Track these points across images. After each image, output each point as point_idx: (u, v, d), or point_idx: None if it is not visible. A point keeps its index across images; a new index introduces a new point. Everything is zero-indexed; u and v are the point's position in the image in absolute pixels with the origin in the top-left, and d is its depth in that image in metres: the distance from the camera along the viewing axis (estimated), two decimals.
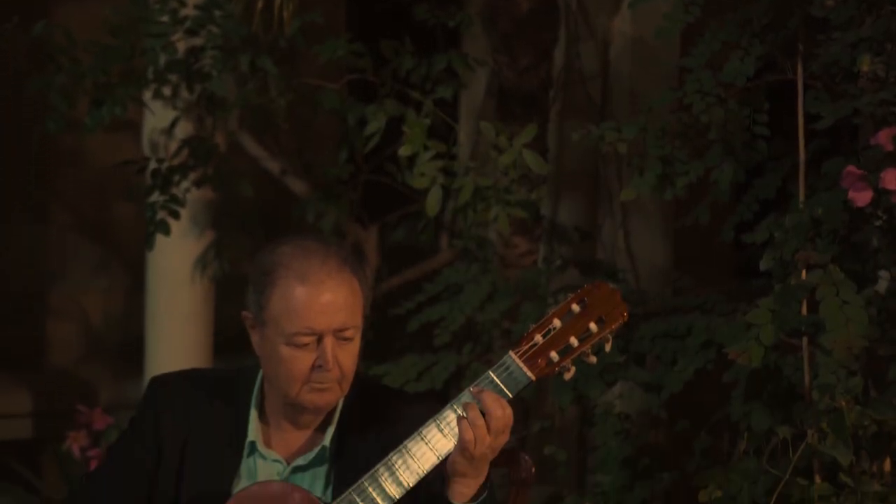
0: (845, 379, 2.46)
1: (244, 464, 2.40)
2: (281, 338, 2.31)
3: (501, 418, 2.21)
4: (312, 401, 2.34)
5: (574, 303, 2.26)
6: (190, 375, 2.52)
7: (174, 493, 2.39)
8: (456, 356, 3.83)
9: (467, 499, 2.25)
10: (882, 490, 2.38)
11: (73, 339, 5.01)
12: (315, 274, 2.29)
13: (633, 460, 3.53)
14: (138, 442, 2.43)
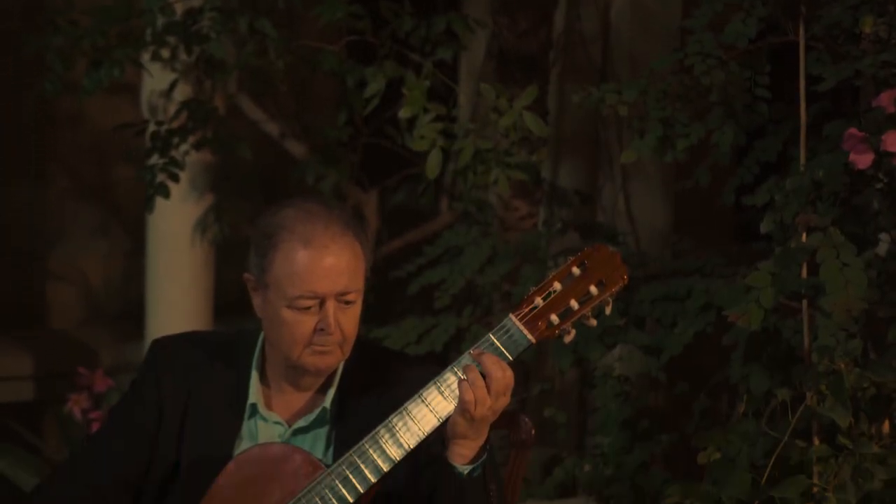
0: (844, 341, 2.46)
1: (245, 426, 2.41)
2: (283, 301, 2.31)
3: (502, 380, 2.22)
4: (314, 363, 2.35)
5: (574, 266, 2.26)
6: (191, 338, 2.53)
7: (175, 456, 2.40)
8: (456, 319, 3.84)
9: (466, 460, 2.26)
10: (880, 452, 2.39)
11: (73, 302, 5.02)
12: (318, 237, 2.29)
13: (633, 422, 3.54)
14: (139, 404, 2.43)
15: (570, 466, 3.69)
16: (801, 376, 2.58)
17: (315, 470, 2.28)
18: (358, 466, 2.25)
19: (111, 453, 2.41)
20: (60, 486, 2.40)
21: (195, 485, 2.34)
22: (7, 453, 3.87)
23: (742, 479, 2.44)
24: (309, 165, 4.15)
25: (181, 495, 2.38)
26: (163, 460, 2.40)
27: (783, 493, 2.38)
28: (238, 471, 2.31)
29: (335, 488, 2.25)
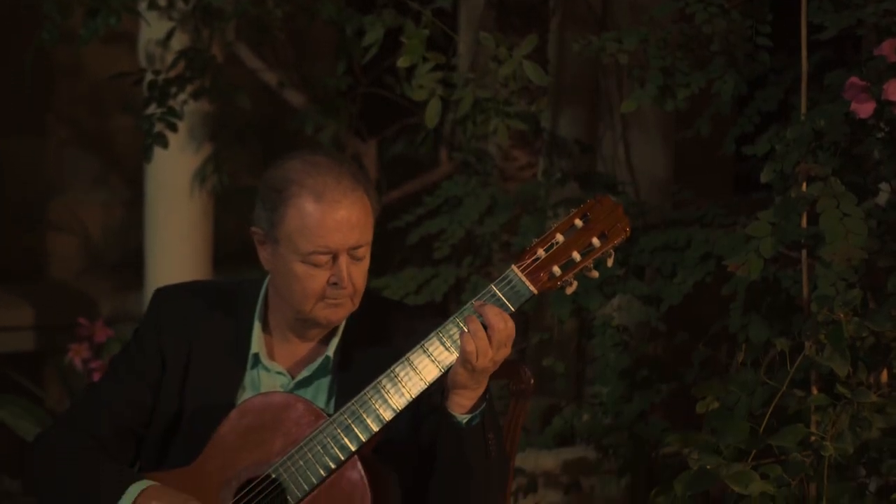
0: (844, 291, 2.46)
1: (248, 375, 2.42)
2: (296, 256, 2.31)
3: (503, 331, 2.23)
4: (326, 316, 2.36)
5: (577, 217, 2.26)
6: (193, 287, 2.53)
7: (177, 405, 2.41)
8: (455, 269, 3.84)
9: (465, 410, 2.27)
10: (879, 401, 2.40)
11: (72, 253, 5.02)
12: (331, 192, 2.29)
13: (632, 372, 3.55)
14: (141, 354, 2.44)
15: (569, 416, 3.71)
16: (800, 326, 2.58)
17: (317, 419, 2.29)
18: (360, 416, 2.26)
19: (113, 402, 2.42)
20: (62, 433, 2.41)
21: (197, 434, 2.35)
22: (9, 403, 3.89)
23: (740, 428, 2.45)
24: (307, 115, 4.13)
25: (183, 444, 2.39)
26: (165, 410, 2.42)
27: (781, 441, 2.40)
28: (240, 419, 2.33)
29: (337, 437, 2.26)
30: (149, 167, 4.16)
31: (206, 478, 2.32)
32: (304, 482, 2.26)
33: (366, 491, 2.24)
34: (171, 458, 2.40)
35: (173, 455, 2.41)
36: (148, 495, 2.29)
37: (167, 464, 2.40)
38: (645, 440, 3.56)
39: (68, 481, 2.36)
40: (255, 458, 2.30)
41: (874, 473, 2.46)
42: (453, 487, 2.32)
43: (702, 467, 2.43)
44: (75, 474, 2.36)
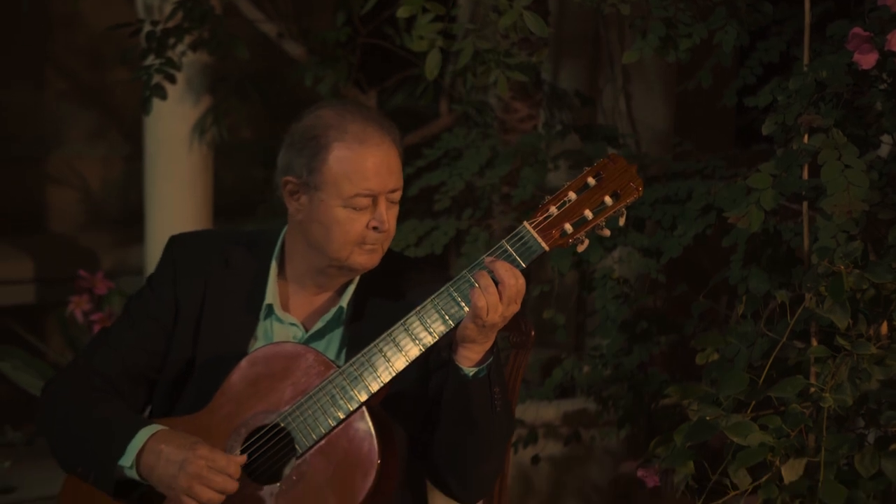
0: (845, 243, 2.46)
1: (260, 326, 2.43)
2: (338, 200, 2.33)
3: (514, 287, 2.24)
4: (362, 263, 2.38)
5: (590, 176, 2.27)
6: (210, 235, 2.53)
7: (190, 352, 2.42)
8: (455, 221, 3.83)
9: (472, 363, 2.29)
10: (878, 353, 2.40)
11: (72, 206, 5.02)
12: (371, 136, 2.33)
13: (632, 324, 3.56)
14: (156, 298, 2.45)
15: (569, 368, 3.72)
16: (800, 278, 2.58)
17: (327, 369, 2.30)
18: (370, 367, 2.28)
19: (126, 346, 2.44)
20: (74, 375, 2.43)
21: (208, 382, 2.37)
22: (10, 356, 3.90)
23: (740, 379, 2.46)
24: (307, 66, 4.11)
25: (194, 391, 2.40)
26: (178, 357, 2.43)
27: (780, 393, 2.40)
28: (251, 368, 2.34)
29: (346, 388, 2.27)
30: (147, 120, 4.14)
31: (215, 425, 2.34)
32: (312, 431, 2.27)
33: (373, 442, 2.25)
34: (182, 405, 2.42)
35: (184, 402, 2.42)
36: (157, 439, 2.30)
37: (178, 410, 2.42)
38: (644, 392, 3.58)
39: (78, 423, 2.37)
40: (265, 407, 2.32)
41: (873, 424, 2.47)
42: (459, 439, 2.33)
43: (701, 418, 2.44)
44: (85, 417, 2.37)
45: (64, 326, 4.00)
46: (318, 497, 2.26)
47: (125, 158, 4.98)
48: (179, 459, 2.26)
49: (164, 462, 2.28)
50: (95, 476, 2.34)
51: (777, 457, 2.37)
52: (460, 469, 2.36)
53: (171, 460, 2.27)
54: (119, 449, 2.31)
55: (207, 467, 2.26)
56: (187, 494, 2.27)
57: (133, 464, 2.30)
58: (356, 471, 2.24)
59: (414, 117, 4.46)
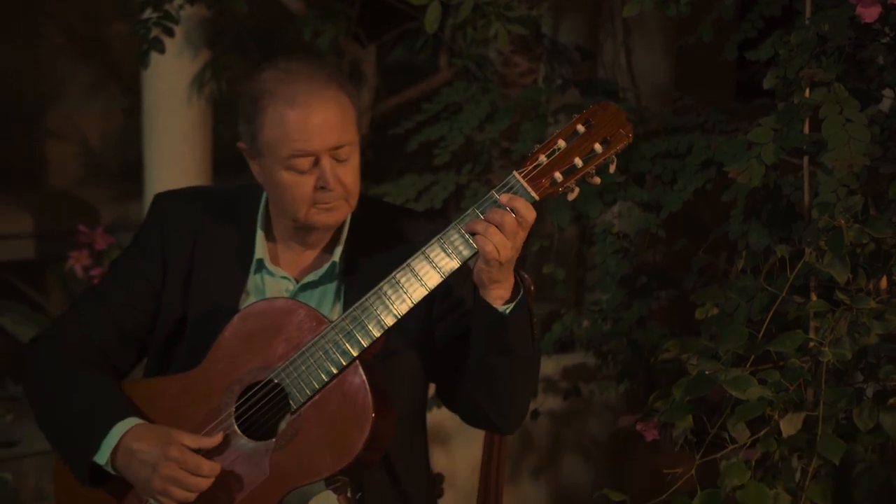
0: (845, 197, 2.45)
1: (251, 280, 2.43)
2: (279, 164, 2.31)
3: (511, 222, 2.21)
4: (322, 221, 2.36)
5: (579, 123, 2.24)
6: (195, 192, 2.53)
7: (181, 310, 2.42)
8: (455, 176, 3.83)
9: (505, 300, 2.27)
10: (878, 307, 2.40)
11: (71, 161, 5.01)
12: (302, 95, 2.28)
13: (631, 278, 3.56)
14: (142, 258, 2.44)
15: (569, 322, 3.73)
16: (800, 232, 2.58)
17: (319, 325, 2.30)
18: (362, 321, 2.27)
19: (113, 305, 2.43)
20: (59, 341, 2.42)
21: (201, 338, 2.37)
22: (11, 310, 3.91)
23: (739, 333, 2.46)
24: (305, 20, 4.09)
25: (187, 349, 2.40)
26: (168, 315, 2.42)
27: (779, 347, 2.41)
28: (243, 324, 2.34)
29: (339, 342, 2.27)
30: (146, 74, 4.12)
31: (209, 382, 2.34)
32: (305, 387, 2.28)
33: (367, 396, 2.25)
34: (175, 364, 2.42)
35: (177, 360, 2.42)
36: (132, 436, 2.30)
37: (171, 369, 2.42)
38: (644, 346, 3.59)
39: (59, 408, 2.37)
40: (258, 363, 2.32)
41: (871, 379, 2.47)
42: (501, 374, 2.32)
43: (700, 373, 2.45)
44: (66, 401, 2.36)
45: (64, 281, 4.00)
46: (313, 452, 2.26)
47: (124, 112, 4.96)
48: (152, 461, 2.27)
49: (138, 463, 2.28)
50: (71, 467, 2.35)
51: (776, 411, 2.38)
52: (501, 401, 2.35)
53: (144, 462, 2.28)
54: (94, 445, 2.31)
55: (180, 469, 2.26)
56: (162, 495, 2.28)
57: (108, 461, 2.31)
58: (351, 425, 2.25)
59: (413, 71, 4.44)
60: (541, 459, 4.30)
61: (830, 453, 2.32)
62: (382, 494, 2.42)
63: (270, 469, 2.29)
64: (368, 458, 2.27)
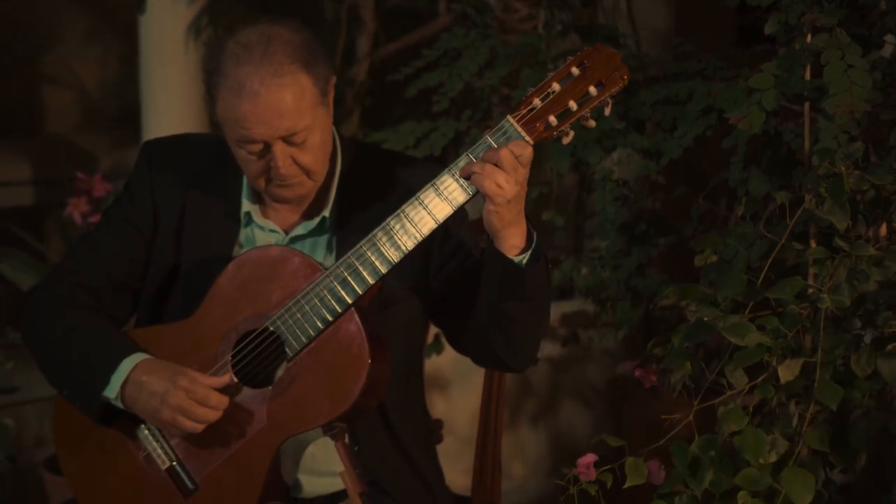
0: (846, 144, 2.44)
1: (243, 232, 2.42)
2: (231, 140, 2.29)
3: (507, 157, 2.18)
4: (281, 195, 2.34)
5: (574, 66, 2.22)
6: (185, 140, 2.50)
7: (174, 258, 2.41)
8: (454, 122, 3.81)
9: (520, 249, 2.25)
10: (877, 254, 2.40)
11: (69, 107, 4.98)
12: (251, 82, 2.21)
13: (631, 225, 3.55)
14: (134, 206, 2.43)
15: (568, 269, 3.73)
16: (800, 179, 2.57)
17: (314, 272, 2.29)
18: (356, 268, 2.26)
19: (107, 253, 2.42)
20: (56, 289, 2.41)
21: (195, 288, 2.36)
22: (10, 257, 3.90)
23: (738, 280, 2.46)
24: None
25: (181, 298, 2.40)
26: (161, 263, 2.42)
27: (778, 293, 2.41)
28: (238, 272, 2.33)
29: (334, 289, 2.27)
30: (143, 20, 4.09)
31: (204, 330, 2.34)
32: (301, 334, 2.27)
33: (363, 343, 2.25)
34: (169, 313, 2.42)
35: (171, 309, 2.42)
36: (140, 370, 2.30)
37: (165, 318, 2.42)
38: (643, 293, 3.59)
39: (63, 347, 2.36)
40: (253, 311, 2.31)
41: (870, 325, 2.47)
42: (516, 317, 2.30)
43: (699, 319, 2.45)
44: (70, 340, 2.36)
45: (63, 228, 3.99)
46: (309, 399, 2.27)
47: (120, 59, 4.93)
48: (161, 392, 2.27)
49: (147, 395, 2.28)
50: (81, 404, 2.35)
51: (774, 357, 2.38)
52: (516, 343, 2.34)
53: (153, 392, 2.28)
54: (103, 380, 2.31)
55: (188, 399, 2.26)
56: (171, 425, 2.28)
57: (118, 395, 2.31)
58: (347, 372, 2.25)
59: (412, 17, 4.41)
60: (539, 406, 4.32)
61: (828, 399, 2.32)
62: (378, 443, 2.42)
63: (268, 417, 2.29)
64: (365, 404, 2.28)
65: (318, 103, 2.27)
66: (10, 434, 3.64)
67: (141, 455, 2.37)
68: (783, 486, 2.31)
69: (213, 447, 2.32)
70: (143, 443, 2.36)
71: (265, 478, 2.30)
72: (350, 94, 4.14)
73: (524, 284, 2.25)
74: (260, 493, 2.30)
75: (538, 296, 2.28)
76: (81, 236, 2.54)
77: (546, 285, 2.28)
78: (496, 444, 2.84)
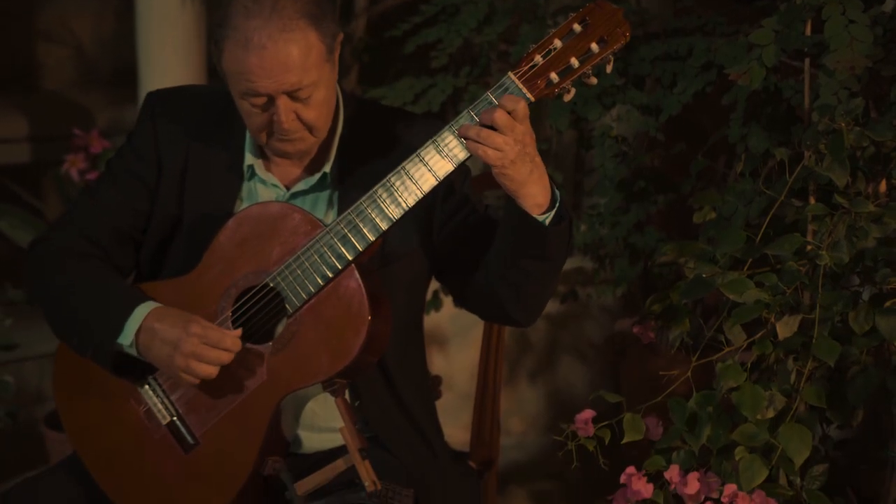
0: (846, 100, 2.44)
1: (245, 186, 2.42)
2: (236, 93, 2.29)
3: (503, 117, 2.16)
4: (283, 149, 2.34)
5: (575, 22, 2.20)
6: (188, 91, 2.49)
7: (176, 210, 2.41)
8: (453, 78, 3.79)
9: (543, 209, 2.22)
10: (876, 210, 2.40)
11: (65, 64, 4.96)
12: (258, 35, 2.21)
13: (630, 182, 3.55)
14: (137, 156, 2.43)
15: None
16: (800, 135, 2.56)
17: (314, 228, 2.29)
18: (357, 225, 2.26)
19: (110, 205, 2.42)
20: (60, 239, 2.41)
21: (195, 242, 2.36)
22: (8, 214, 3.90)
23: (737, 237, 2.46)
24: None
25: (182, 252, 2.40)
26: (163, 215, 2.42)
27: (777, 250, 2.41)
28: (238, 228, 2.33)
29: (334, 246, 2.27)
30: None
31: (204, 287, 2.34)
32: (301, 290, 2.28)
33: (363, 299, 2.26)
34: (170, 266, 2.42)
35: (171, 263, 2.42)
36: (153, 317, 2.30)
37: (165, 272, 2.42)
38: (641, 250, 3.59)
39: (72, 295, 2.36)
40: (253, 267, 2.31)
41: (868, 282, 2.48)
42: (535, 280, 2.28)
43: (697, 276, 2.45)
44: (79, 288, 2.36)
45: (60, 185, 3.99)
46: (310, 355, 2.27)
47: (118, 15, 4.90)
48: (174, 339, 2.27)
49: (160, 342, 2.28)
50: (93, 353, 2.34)
51: (772, 313, 2.39)
52: (526, 299, 2.32)
53: (165, 340, 2.28)
54: (117, 327, 2.30)
55: (202, 344, 2.26)
56: (185, 373, 2.28)
57: (132, 342, 2.31)
58: (348, 328, 2.25)
59: None
60: (538, 362, 4.34)
61: (826, 355, 2.33)
62: (378, 400, 2.43)
63: (268, 373, 2.30)
64: (365, 360, 2.28)
65: (325, 60, 2.27)
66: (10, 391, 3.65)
67: (141, 410, 2.38)
68: (780, 442, 2.32)
69: (213, 403, 2.33)
70: (144, 398, 2.37)
71: (265, 433, 2.31)
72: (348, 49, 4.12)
73: (545, 245, 2.23)
74: (260, 449, 2.31)
75: (558, 257, 2.26)
76: (83, 188, 2.54)
77: (567, 246, 2.27)
78: (495, 400, 2.85)
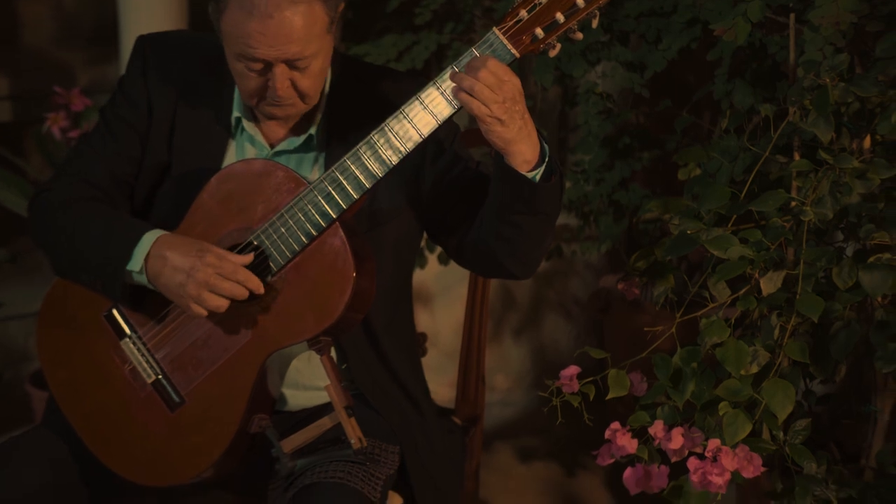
0: (831, 56, 2.43)
1: (235, 141, 2.41)
2: (232, 55, 2.27)
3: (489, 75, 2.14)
4: (272, 113, 2.32)
5: None
6: (180, 37, 2.47)
7: (166, 157, 2.41)
8: (437, 35, 3.77)
9: (532, 165, 2.21)
10: (860, 166, 2.40)
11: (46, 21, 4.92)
12: (262, 4, 2.19)
13: (614, 139, 3.54)
14: (129, 101, 2.42)
15: None
16: (785, 91, 2.56)
17: (298, 186, 2.28)
18: (341, 182, 2.25)
19: (107, 151, 2.42)
20: (62, 184, 2.41)
21: (182, 193, 2.36)
22: None
23: (721, 193, 2.46)
24: None
25: (171, 203, 2.39)
26: (154, 161, 2.41)
27: (761, 206, 2.41)
28: (221, 185, 2.32)
29: (318, 203, 2.26)
30: None
31: None
32: (285, 249, 2.27)
33: (348, 257, 2.25)
34: (155, 217, 2.41)
35: (157, 213, 2.41)
36: (162, 244, 2.29)
37: (153, 220, 2.41)
38: (626, 207, 3.59)
39: (79, 231, 2.35)
40: (237, 225, 2.31)
41: (852, 238, 2.48)
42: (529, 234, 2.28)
43: (682, 232, 2.45)
44: (85, 223, 2.35)
45: (42, 143, 3.96)
46: (294, 313, 2.27)
47: None
48: (186, 267, 2.25)
49: (171, 270, 2.26)
50: (103, 283, 2.32)
51: (756, 270, 2.39)
52: (523, 253, 2.32)
53: (178, 267, 2.26)
54: (126, 254, 2.29)
55: (216, 275, 2.24)
56: (196, 302, 2.26)
57: (142, 268, 2.29)
58: (332, 286, 2.25)
59: None
60: (523, 319, 4.35)
61: (809, 311, 2.34)
62: (364, 358, 2.44)
63: (254, 331, 2.30)
64: (350, 318, 2.28)
65: (326, 31, 2.26)
66: None
67: (126, 369, 2.38)
68: (764, 397, 2.33)
69: (198, 361, 2.33)
70: (129, 356, 2.37)
71: (251, 391, 2.31)
72: None
73: (536, 200, 2.23)
74: (246, 407, 2.31)
75: (550, 210, 2.26)
76: (80, 137, 2.53)
77: (558, 200, 2.27)
78: (479, 357, 2.86)
